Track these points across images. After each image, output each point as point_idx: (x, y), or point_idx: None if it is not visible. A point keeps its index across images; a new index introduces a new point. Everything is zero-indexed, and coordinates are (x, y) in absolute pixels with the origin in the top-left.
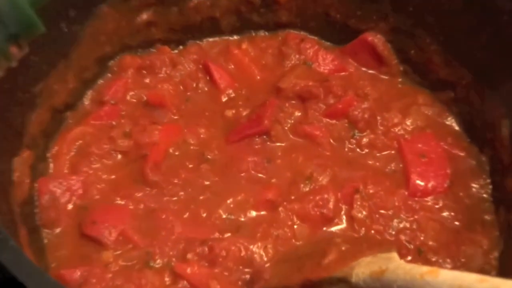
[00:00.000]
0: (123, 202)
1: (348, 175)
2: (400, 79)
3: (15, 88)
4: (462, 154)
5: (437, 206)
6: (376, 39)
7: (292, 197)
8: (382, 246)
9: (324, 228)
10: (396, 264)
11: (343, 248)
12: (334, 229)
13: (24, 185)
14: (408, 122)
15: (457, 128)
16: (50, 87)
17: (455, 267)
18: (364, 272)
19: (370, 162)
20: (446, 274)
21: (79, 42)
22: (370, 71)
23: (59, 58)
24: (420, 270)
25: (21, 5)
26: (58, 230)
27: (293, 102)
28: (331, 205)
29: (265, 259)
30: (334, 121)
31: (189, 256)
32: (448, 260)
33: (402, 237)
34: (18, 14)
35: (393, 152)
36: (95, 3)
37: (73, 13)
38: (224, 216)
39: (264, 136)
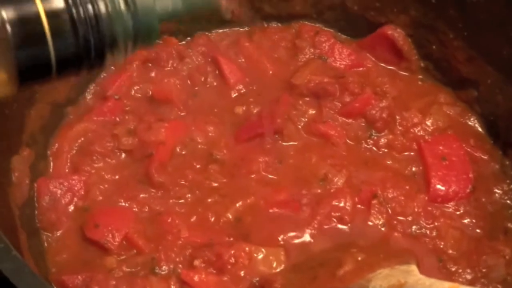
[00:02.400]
0: (127, 204)
1: (365, 177)
2: (420, 76)
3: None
4: (485, 157)
5: (458, 213)
6: (395, 33)
7: (306, 201)
8: (401, 256)
9: (340, 235)
10: (415, 279)
11: (359, 258)
12: (350, 236)
13: (24, 185)
14: (429, 122)
15: (480, 129)
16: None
17: (475, 278)
18: (382, 285)
19: (388, 162)
20: None
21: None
22: (389, 67)
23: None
24: (441, 286)
25: (154, 13)
26: (58, 233)
27: (307, 99)
28: (348, 210)
29: (276, 266)
30: (350, 120)
31: (196, 262)
32: (469, 270)
33: (421, 245)
34: (148, 17)
35: (412, 153)
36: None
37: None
38: (233, 220)
39: (276, 135)
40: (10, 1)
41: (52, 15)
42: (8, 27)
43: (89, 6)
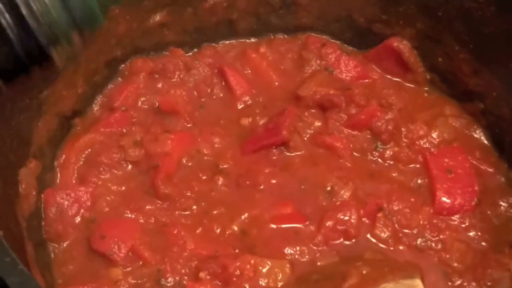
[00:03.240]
0: (133, 216)
1: (371, 189)
2: (426, 88)
3: (21, 94)
4: (490, 170)
5: (463, 225)
6: (401, 45)
7: (311, 214)
8: (405, 270)
9: (345, 249)
10: None
11: (364, 272)
12: (355, 249)
13: (31, 197)
14: (434, 135)
15: (485, 142)
16: (57, 92)
17: None
18: None
19: (394, 174)
20: None
21: (88, 45)
22: (395, 79)
23: (67, 62)
24: None
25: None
26: (65, 244)
27: (313, 111)
28: (353, 223)
29: (281, 279)
30: (356, 132)
31: (202, 274)
32: (474, 284)
33: (426, 258)
34: (84, 4)
35: (418, 166)
36: (105, 3)
37: None
38: (238, 232)
39: (282, 147)
40: None
41: None
42: None
43: (13, 12)
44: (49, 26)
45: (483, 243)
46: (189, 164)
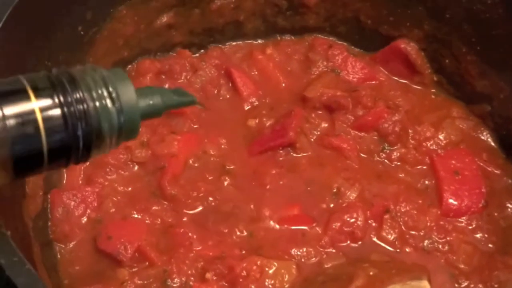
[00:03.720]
0: (139, 216)
1: (378, 190)
2: (433, 90)
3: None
4: (497, 171)
5: (470, 227)
6: (409, 46)
7: (319, 214)
8: (412, 271)
9: (352, 250)
10: None
11: (371, 273)
12: (362, 251)
13: (37, 197)
14: (441, 136)
15: (492, 143)
16: None
17: None
18: None
19: (401, 175)
20: None
21: (95, 46)
22: (402, 81)
23: (74, 63)
24: None
25: (137, 111)
26: (71, 244)
27: (320, 112)
28: (360, 225)
29: (288, 280)
30: (362, 134)
31: (208, 275)
32: (480, 286)
33: (433, 260)
34: (133, 116)
35: (425, 167)
36: (113, 4)
37: (90, 15)
38: (245, 233)
39: (289, 148)
40: (8, 99)
41: (46, 112)
42: (7, 123)
43: (80, 104)
44: (103, 125)
45: (490, 245)
46: (196, 165)
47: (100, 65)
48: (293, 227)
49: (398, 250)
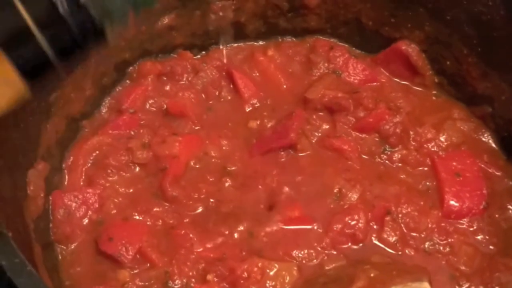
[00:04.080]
0: (140, 218)
1: (379, 191)
2: (434, 92)
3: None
4: (498, 173)
5: (471, 229)
6: (410, 48)
7: (320, 216)
8: (413, 273)
9: (353, 252)
10: None
11: (372, 275)
12: (363, 253)
13: (39, 199)
14: (442, 138)
15: (493, 145)
16: (66, 95)
17: None
18: None
19: (402, 176)
20: None
21: (97, 48)
22: (403, 82)
23: (76, 65)
24: None
25: None
26: (73, 246)
27: (321, 114)
28: (361, 227)
29: (289, 282)
30: (364, 135)
31: (209, 277)
32: (481, 287)
33: (434, 262)
34: None
35: (426, 169)
36: None
37: None
38: (246, 235)
39: (290, 149)
40: None
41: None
42: None
43: None
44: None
45: (491, 247)
46: (197, 166)
47: (102, 67)
48: (294, 229)
49: (399, 253)
